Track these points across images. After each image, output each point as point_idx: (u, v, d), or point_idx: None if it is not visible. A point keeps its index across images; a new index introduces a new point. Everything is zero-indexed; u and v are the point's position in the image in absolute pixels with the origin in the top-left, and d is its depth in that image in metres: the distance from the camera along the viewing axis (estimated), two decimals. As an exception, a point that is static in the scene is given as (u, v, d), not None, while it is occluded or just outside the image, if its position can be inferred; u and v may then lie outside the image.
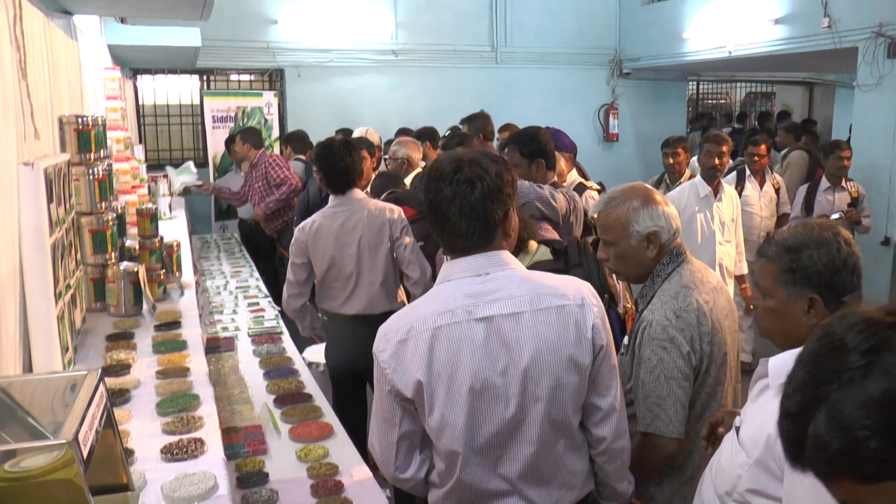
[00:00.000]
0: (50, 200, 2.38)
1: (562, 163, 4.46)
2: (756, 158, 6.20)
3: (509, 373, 1.75)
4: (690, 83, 13.28)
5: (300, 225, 3.81)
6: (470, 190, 1.75)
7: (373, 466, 2.61)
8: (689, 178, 5.57)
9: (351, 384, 3.84)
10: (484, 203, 1.76)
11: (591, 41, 11.03)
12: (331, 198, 3.82)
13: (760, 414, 1.72)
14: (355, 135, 6.04)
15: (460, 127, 6.61)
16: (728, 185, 5.49)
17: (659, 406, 2.20)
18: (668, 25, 10.25)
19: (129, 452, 1.89)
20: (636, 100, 11.54)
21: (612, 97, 11.37)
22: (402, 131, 7.22)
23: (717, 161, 5.10)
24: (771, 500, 1.68)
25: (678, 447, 2.24)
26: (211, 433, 1.96)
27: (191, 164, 7.33)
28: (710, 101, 15.68)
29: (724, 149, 5.12)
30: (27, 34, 2.42)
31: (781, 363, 1.69)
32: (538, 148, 3.61)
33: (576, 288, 1.85)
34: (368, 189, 4.82)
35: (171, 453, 1.84)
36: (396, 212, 3.79)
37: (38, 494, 1.13)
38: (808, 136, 9.11)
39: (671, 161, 5.92)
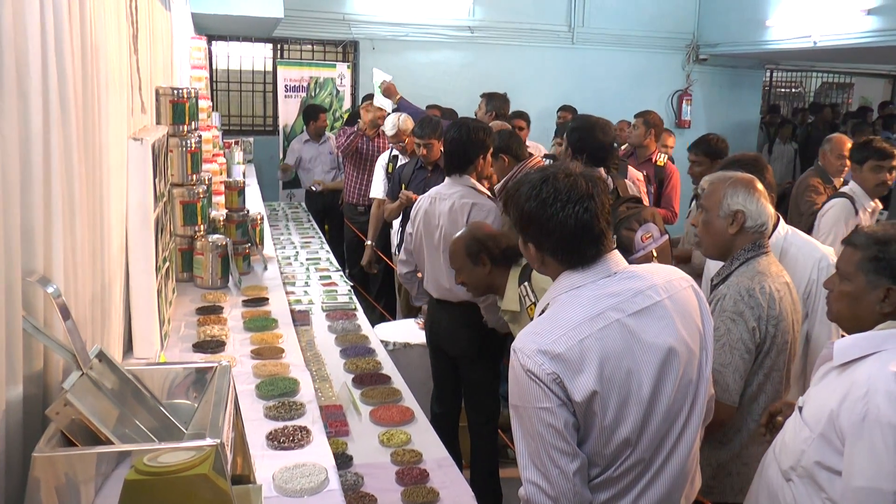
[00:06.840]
0: (154, 175, 2.39)
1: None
2: None
3: (669, 358, 1.76)
4: (767, 71, 12.88)
5: (425, 195, 3.88)
6: (590, 203, 1.75)
7: (455, 455, 2.61)
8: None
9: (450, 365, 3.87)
10: (602, 211, 1.78)
11: (669, 25, 10.75)
12: (449, 178, 3.81)
13: (824, 392, 1.89)
14: (388, 122, 5.72)
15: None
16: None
17: (719, 373, 2.37)
18: (749, 11, 9.92)
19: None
20: (710, 86, 11.23)
21: (686, 83, 11.09)
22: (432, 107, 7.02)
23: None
24: (831, 472, 1.82)
25: (730, 416, 2.39)
26: (314, 422, 1.97)
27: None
28: (782, 90, 15.15)
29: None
30: (139, 9, 2.43)
31: (846, 345, 1.89)
32: (589, 143, 3.48)
33: (681, 273, 1.92)
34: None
35: (278, 441, 1.85)
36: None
37: (178, 490, 1.14)
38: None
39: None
